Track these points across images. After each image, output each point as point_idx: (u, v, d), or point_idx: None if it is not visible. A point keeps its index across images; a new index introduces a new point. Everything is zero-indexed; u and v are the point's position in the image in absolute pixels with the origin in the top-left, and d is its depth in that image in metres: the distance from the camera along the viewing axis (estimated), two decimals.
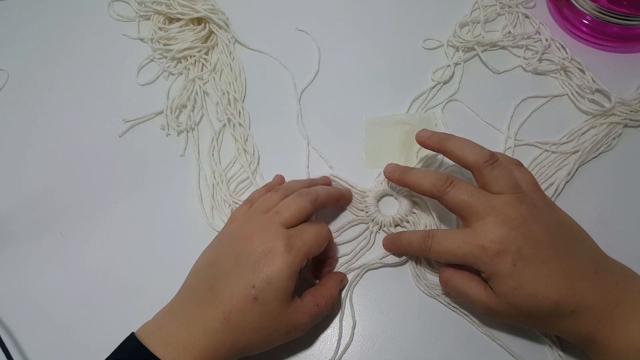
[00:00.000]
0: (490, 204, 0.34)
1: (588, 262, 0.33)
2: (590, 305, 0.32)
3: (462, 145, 0.38)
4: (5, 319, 0.42)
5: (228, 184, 0.46)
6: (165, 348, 0.32)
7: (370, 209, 0.43)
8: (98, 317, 0.41)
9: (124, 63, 0.53)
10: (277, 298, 0.34)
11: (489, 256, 0.33)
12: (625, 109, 0.46)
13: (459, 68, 0.50)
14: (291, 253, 0.34)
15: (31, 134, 0.50)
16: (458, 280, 0.36)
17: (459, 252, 0.34)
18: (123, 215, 0.45)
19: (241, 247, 0.35)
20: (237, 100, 0.49)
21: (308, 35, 0.53)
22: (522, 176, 0.37)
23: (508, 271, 0.32)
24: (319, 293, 0.37)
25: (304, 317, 0.35)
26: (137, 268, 0.43)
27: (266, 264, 0.34)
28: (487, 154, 0.36)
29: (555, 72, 0.49)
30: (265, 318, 0.34)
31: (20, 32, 0.57)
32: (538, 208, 0.35)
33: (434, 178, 0.37)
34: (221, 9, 0.54)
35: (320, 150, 0.47)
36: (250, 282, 0.34)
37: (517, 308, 0.33)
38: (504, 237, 0.33)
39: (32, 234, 0.45)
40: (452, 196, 0.36)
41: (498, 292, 0.33)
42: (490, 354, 0.38)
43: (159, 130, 0.49)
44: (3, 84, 0.53)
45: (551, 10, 0.53)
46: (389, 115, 0.48)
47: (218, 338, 0.33)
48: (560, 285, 0.32)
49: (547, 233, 0.33)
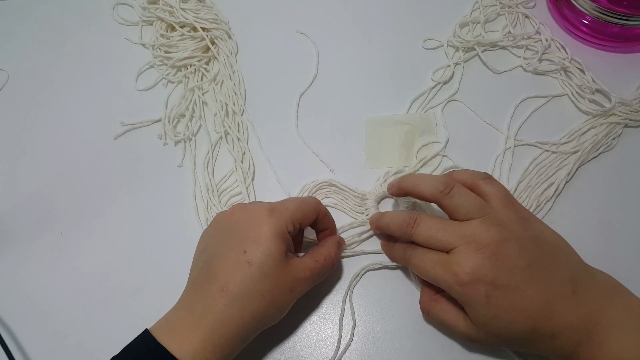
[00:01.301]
0: (460, 233, 0.34)
1: (566, 281, 0.33)
2: (569, 328, 0.32)
3: (415, 182, 0.37)
4: (5, 319, 0.42)
5: (220, 197, 0.45)
6: (171, 335, 0.32)
7: (371, 211, 0.43)
8: (98, 317, 0.41)
9: (124, 67, 0.53)
10: (271, 257, 0.34)
11: (462, 287, 0.32)
12: (625, 109, 0.46)
13: (459, 68, 0.50)
14: (274, 216, 0.35)
15: (31, 134, 0.50)
16: (437, 312, 0.36)
17: (433, 273, 0.34)
18: (122, 216, 0.45)
19: (226, 224, 0.36)
20: (236, 113, 0.49)
21: (308, 38, 0.53)
22: (492, 190, 0.36)
23: (482, 302, 0.32)
24: (317, 251, 0.38)
25: (304, 272, 0.36)
26: (136, 268, 0.43)
27: (253, 230, 0.34)
28: (441, 184, 0.35)
29: (555, 72, 0.49)
30: (265, 279, 0.33)
31: (21, 32, 0.57)
32: (509, 228, 0.34)
33: (400, 220, 0.37)
34: (224, 19, 0.54)
35: (320, 150, 0.47)
36: (242, 248, 0.34)
37: (496, 336, 0.33)
38: (477, 268, 0.32)
39: (31, 234, 0.45)
40: (418, 235, 0.35)
41: (475, 321, 0.33)
42: (490, 354, 0.38)
43: (157, 137, 0.49)
44: (3, 84, 0.54)
45: (551, 10, 0.53)
46: (389, 115, 0.48)
47: (222, 313, 0.33)
48: (537, 311, 0.32)
49: (521, 256, 0.33)
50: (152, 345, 0.32)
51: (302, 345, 0.39)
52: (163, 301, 0.36)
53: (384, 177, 0.45)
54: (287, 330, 0.39)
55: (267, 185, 0.46)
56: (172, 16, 0.53)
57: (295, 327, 0.39)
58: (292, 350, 0.39)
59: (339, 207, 0.44)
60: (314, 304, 0.40)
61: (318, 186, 0.45)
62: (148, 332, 0.33)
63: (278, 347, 0.38)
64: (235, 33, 0.54)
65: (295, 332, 0.39)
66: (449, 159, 0.45)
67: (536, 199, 0.43)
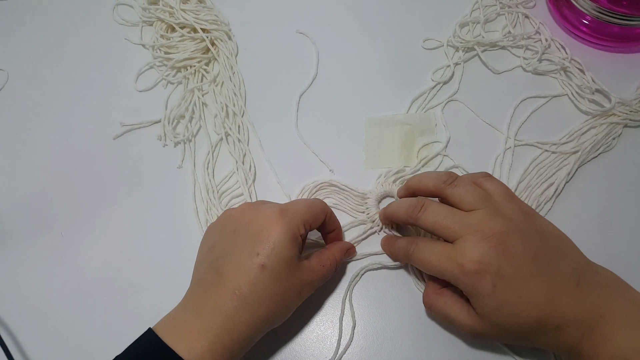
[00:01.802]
0: (466, 222, 0.34)
1: (570, 274, 0.33)
2: (573, 320, 0.32)
3: (420, 178, 0.39)
4: (5, 319, 0.42)
5: (220, 199, 0.45)
6: (178, 336, 0.32)
7: (371, 210, 0.43)
8: (98, 317, 0.41)
9: (124, 67, 0.53)
10: (284, 261, 0.33)
11: (468, 276, 0.32)
12: (625, 109, 0.46)
13: (459, 68, 0.50)
14: (286, 218, 0.35)
15: (31, 134, 0.50)
16: (441, 305, 0.36)
17: (438, 266, 0.34)
18: (122, 216, 0.45)
19: (235, 223, 0.36)
20: (237, 114, 0.49)
21: (308, 38, 0.53)
22: (493, 187, 0.36)
23: (488, 291, 0.32)
24: (324, 255, 0.38)
25: (312, 275, 0.36)
26: (136, 268, 0.43)
27: (266, 232, 0.34)
28: (445, 175, 0.37)
29: (555, 72, 0.49)
30: (277, 283, 0.33)
31: (21, 32, 0.57)
32: (514, 220, 0.34)
33: (406, 205, 0.37)
34: (224, 20, 0.54)
35: (320, 150, 0.47)
36: (254, 251, 0.33)
37: (500, 327, 0.33)
38: (483, 257, 0.32)
39: (31, 234, 0.45)
40: (425, 220, 0.35)
41: (480, 313, 0.33)
42: (490, 354, 0.38)
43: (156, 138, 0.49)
44: (3, 84, 0.54)
45: (551, 10, 0.53)
46: (389, 115, 0.48)
47: (232, 317, 0.32)
48: (542, 303, 0.32)
49: (527, 247, 0.33)
50: (157, 346, 0.32)
51: (302, 345, 0.39)
52: (163, 301, 0.36)
53: (385, 176, 0.45)
54: (287, 330, 0.39)
55: (267, 187, 0.46)
56: (172, 17, 0.53)
57: (295, 327, 0.39)
58: (292, 350, 0.39)
59: (339, 206, 0.44)
60: (314, 304, 0.40)
61: (318, 186, 0.45)
62: (153, 332, 0.33)
63: (278, 347, 0.38)
64: (235, 34, 0.54)
65: (295, 332, 0.39)
66: (450, 158, 0.45)
67: (536, 199, 0.43)
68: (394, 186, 0.44)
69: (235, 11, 0.55)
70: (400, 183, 0.44)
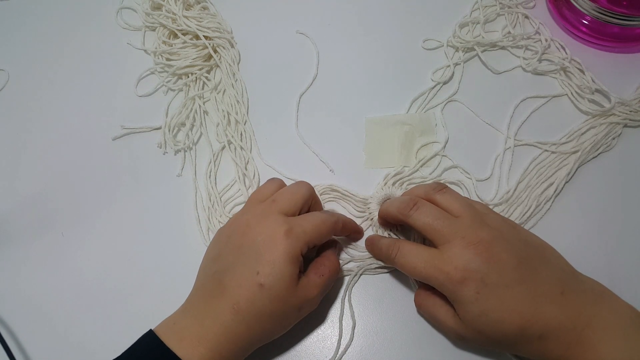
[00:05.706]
0: (454, 228, 0.34)
1: (554, 282, 0.33)
2: (557, 329, 0.32)
3: (410, 190, 0.40)
4: (5, 319, 0.42)
5: (224, 206, 0.45)
6: (180, 342, 0.33)
7: (374, 214, 0.43)
8: (98, 317, 0.41)
9: (125, 71, 0.53)
10: (283, 281, 0.34)
11: (453, 283, 0.33)
12: (624, 109, 0.46)
13: (459, 68, 0.50)
14: (290, 238, 0.34)
15: (31, 135, 0.50)
16: (429, 305, 0.36)
17: (424, 272, 0.34)
18: (123, 217, 0.45)
19: (241, 237, 0.36)
20: (239, 122, 0.48)
21: (308, 38, 0.53)
22: (473, 202, 0.37)
23: (471, 298, 0.32)
24: (320, 264, 0.37)
25: (312, 290, 0.36)
26: (136, 268, 0.43)
27: (267, 251, 0.34)
28: (436, 183, 0.38)
29: (555, 72, 0.49)
30: (275, 302, 0.34)
31: (22, 32, 0.57)
32: (499, 229, 0.34)
33: (399, 202, 0.38)
34: (227, 28, 0.54)
35: (320, 150, 0.47)
36: (255, 269, 0.34)
37: (484, 334, 0.33)
38: (468, 264, 0.32)
39: (31, 234, 0.45)
40: (416, 219, 0.36)
41: (463, 319, 0.33)
42: (489, 354, 0.38)
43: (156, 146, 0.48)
44: (3, 84, 0.54)
45: (551, 11, 0.53)
46: (389, 115, 0.48)
47: (231, 329, 0.33)
48: (526, 311, 0.32)
49: (512, 255, 0.33)
50: (160, 350, 0.32)
51: (302, 345, 0.39)
52: (163, 303, 0.36)
53: (384, 181, 0.45)
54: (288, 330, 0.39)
55: None
56: (174, 23, 0.52)
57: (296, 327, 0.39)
58: (292, 350, 0.39)
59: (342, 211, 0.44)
60: None
61: (321, 192, 0.44)
62: (154, 335, 0.33)
63: (278, 347, 0.38)
64: (236, 36, 0.54)
65: (296, 332, 0.39)
66: (449, 158, 0.45)
67: (536, 199, 0.43)
68: (394, 189, 0.44)
69: (236, 13, 0.55)
70: (401, 185, 0.44)
